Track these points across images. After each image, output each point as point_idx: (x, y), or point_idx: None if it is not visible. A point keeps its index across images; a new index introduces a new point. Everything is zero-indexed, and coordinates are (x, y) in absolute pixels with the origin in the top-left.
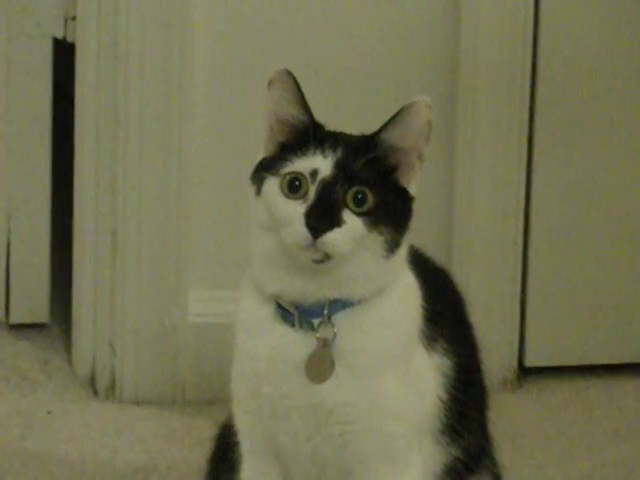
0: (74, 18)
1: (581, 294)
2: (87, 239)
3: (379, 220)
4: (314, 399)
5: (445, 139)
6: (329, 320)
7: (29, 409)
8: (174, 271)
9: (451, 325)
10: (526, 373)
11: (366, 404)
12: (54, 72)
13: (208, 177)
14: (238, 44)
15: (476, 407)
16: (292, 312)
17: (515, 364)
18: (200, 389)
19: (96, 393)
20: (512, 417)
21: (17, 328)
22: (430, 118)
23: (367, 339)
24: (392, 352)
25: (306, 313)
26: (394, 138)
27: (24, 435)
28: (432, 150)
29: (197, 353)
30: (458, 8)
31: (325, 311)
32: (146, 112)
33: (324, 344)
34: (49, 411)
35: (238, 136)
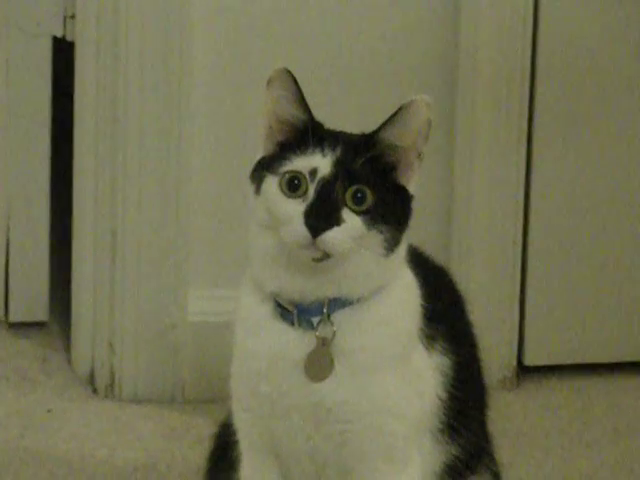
0: (73, 17)
1: (580, 293)
2: (86, 238)
3: (378, 219)
4: (313, 398)
5: (444, 138)
6: (328, 319)
7: (28, 408)
8: (173, 270)
9: (450, 324)
10: (525, 372)
11: (365, 403)
12: (53, 71)
13: (207, 176)
14: (238, 43)
15: (475, 406)
16: (291, 311)
17: (514, 363)
18: (199, 388)
19: (95, 392)
20: (511, 416)
21: (16, 327)
22: (429, 117)
23: (366, 338)
24: (391, 351)
25: (305, 312)
26: (393, 137)
27: (23, 434)
28: (431, 149)
29: (196, 352)
30: (458, 7)
31: (324, 310)
32: (145, 111)
33: (323, 343)
34: (48, 410)
35: (237, 135)
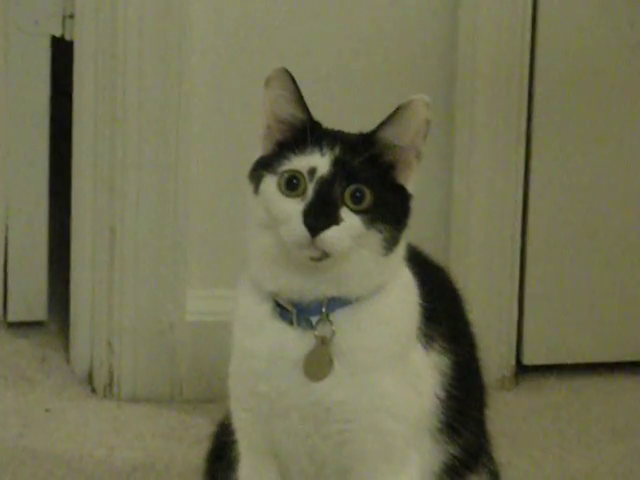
0: (72, 16)
1: (579, 292)
2: (85, 237)
3: (377, 218)
4: (312, 397)
5: (443, 137)
6: (327, 318)
7: (27, 407)
8: (172, 269)
9: (449, 323)
10: (524, 371)
11: (364, 402)
12: (52, 70)
13: (206, 175)
14: (236, 42)
15: (474, 405)
16: (290, 310)
17: (513, 362)
18: (198, 387)
19: (94, 391)
20: (510, 415)
21: (15, 326)
22: (428, 116)
23: (365, 337)
24: (390, 350)
25: (304, 311)
26: (392, 136)
27: (22, 433)
28: (430, 148)
29: (195, 351)
30: (456, 7)
31: (323, 309)
32: (144, 110)
33: (322, 342)
34: (47, 409)
35: (236, 134)
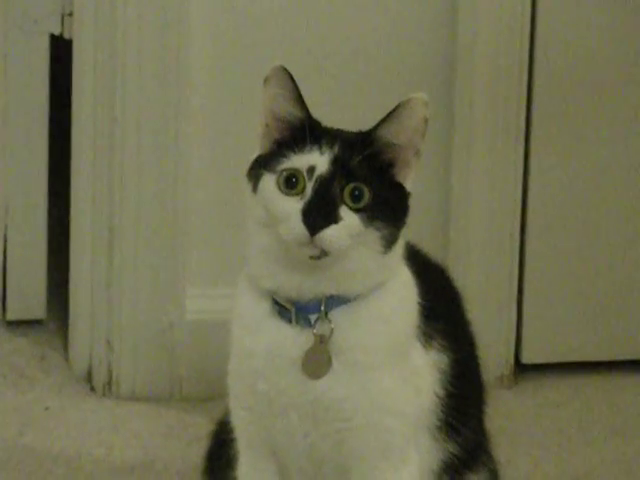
0: (71, 14)
1: (578, 291)
2: (84, 236)
3: (376, 216)
4: (311, 395)
5: (442, 136)
6: (326, 316)
7: (26, 406)
8: (171, 268)
9: (448, 321)
10: (523, 370)
11: (363, 400)
12: (51, 69)
13: (205, 174)
14: (236, 41)
15: (473, 403)
16: (289, 308)
17: (512, 360)
18: (197, 386)
19: (93, 389)
20: (509, 413)
21: (14, 325)
22: (426, 115)
23: (364, 335)
24: (389, 348)
25: (303, 309)
26: (390, 134)
27: (21, 432)
28: (429, 146)
29: (194, 350)
30: (455, 5)
31: (322, 307)
32: (143, 109)
33: (321, 340)
34: (46, 408)
35: (235, 133)
